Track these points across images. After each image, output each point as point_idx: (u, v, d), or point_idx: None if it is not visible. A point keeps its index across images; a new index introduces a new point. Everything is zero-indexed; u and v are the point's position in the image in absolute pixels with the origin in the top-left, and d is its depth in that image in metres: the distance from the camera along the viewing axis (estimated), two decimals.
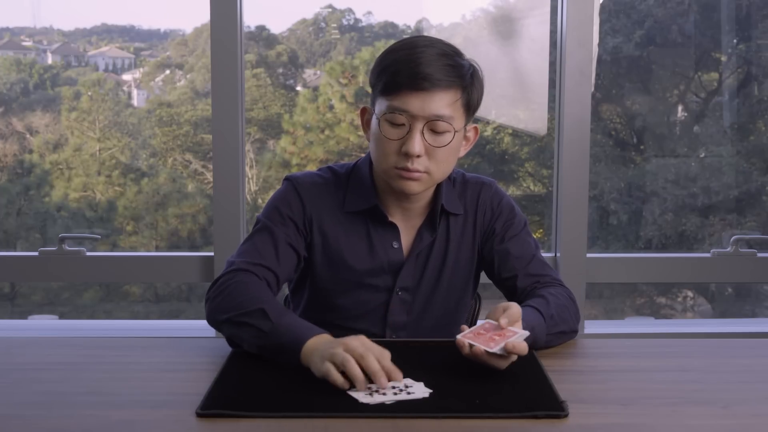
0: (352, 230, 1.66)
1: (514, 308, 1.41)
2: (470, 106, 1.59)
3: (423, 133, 1.53)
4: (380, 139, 1.56)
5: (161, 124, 3.66)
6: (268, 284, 1.57)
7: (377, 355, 1.29)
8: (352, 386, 1.29)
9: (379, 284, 1.68)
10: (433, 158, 1.55)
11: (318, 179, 1.69)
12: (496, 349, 1.33)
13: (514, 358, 1.37)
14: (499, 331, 1.37)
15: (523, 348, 1.35)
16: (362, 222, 1.66)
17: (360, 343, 1.31)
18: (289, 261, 1.63)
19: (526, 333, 1.38)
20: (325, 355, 1.31)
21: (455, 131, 1.55)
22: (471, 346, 1.35)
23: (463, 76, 1.55)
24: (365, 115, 1.66)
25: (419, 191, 1.60)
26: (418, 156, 1.53)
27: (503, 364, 1.36)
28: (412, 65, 1.51)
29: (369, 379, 1.28)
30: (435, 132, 1.54)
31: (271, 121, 3.66)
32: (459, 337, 1.37)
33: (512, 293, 1.70)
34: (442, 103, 1.53)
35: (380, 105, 1.56)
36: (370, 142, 1.62)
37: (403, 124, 1.53)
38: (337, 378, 1.28)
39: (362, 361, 1.28)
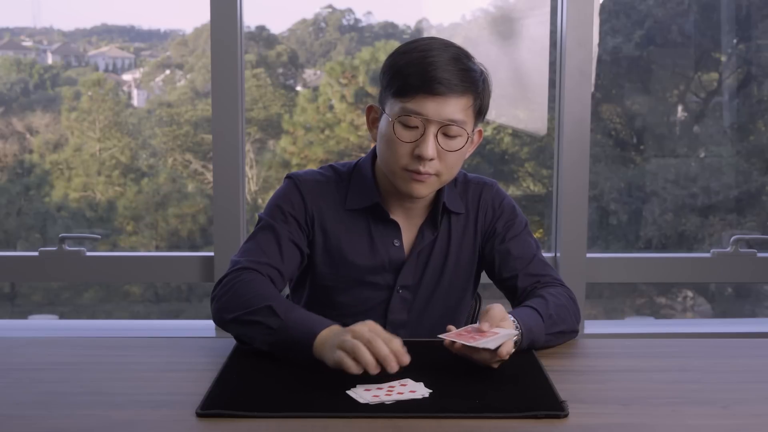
0: (354, 228, 1.67)
1: (495, 310, 1.42)
2: (481, 111, 1.60)
3: (436, 136, 1.53)
4: (392, 141, 1.55)
5: (161, 124, 3.66)
6: (272, 282, 1.57)
7: (385, 340, 1.30)
8: (352, 385, 1.29)
9: (380, 282, 1.68)
10: (444, 161, 1.56)
11: (320, 177, 1.69)
12: (474, 343, 1.33)
13: (504, 357, 1.37)
14: (484, 333, 1.38)
15: (507, 349, 1.36)
16: (363, 220, 1.67)
17: (368, 328, 1.32)
18: (293, 258, 1.63)
19: (512, 333, 1.38)
20: (335, 344, 1.32)
21: (467, 136, 1.56)
22: (454, 343, 1.36)
23: (476, 82, 1.56)
24: (371, 113, 1.66)
25: (426, 194, 1.61)
26: (431, 159, 1.54)
27: (491, 361, 1.36)
28: (427, 68, 1.51)
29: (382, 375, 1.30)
30: (448, 136, 1.55)
31: (271, 121, 3.66)
32: (443, 336, 1.39)
33: (513, 293, 1.70)
34: (457, 108, 1.53)
35: (393, 106, 1.56)
36: (377, 140, 1.62)
37: (416, 127, 1.54)
38: (351, 364, 1.28)
39: (371, 346, 1.28)
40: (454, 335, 1.38)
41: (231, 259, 1.62)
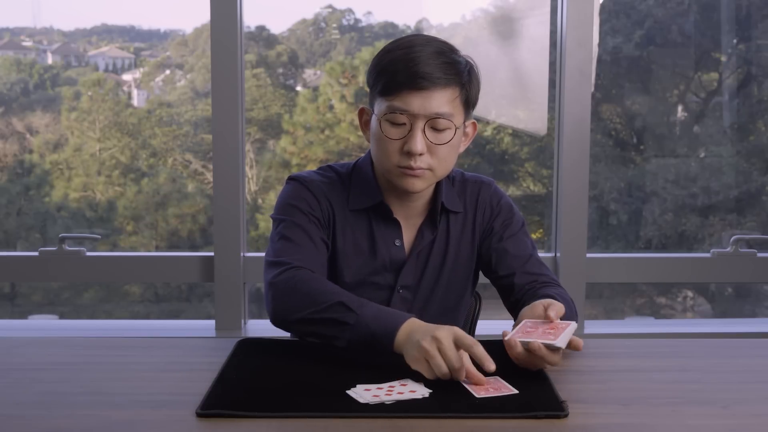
0: (356, 228, 1.67)
1: (557, 302, 1.43)
2: (469, 103, 1.60)
3: (424, 131, 1.54)
4: (381, 139, 1.56)
5: (161, 124, 3.66)
6: None
7: (468, 346, 1.31)
8: (352, 385, 1.30)
9: (381, 282, 1.68)
10: (435, 155, 1.56)
11: (323, 178, 1.70)
12: (558, 342, 1.32)
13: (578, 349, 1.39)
14: (550, 325, 1.38)
15: (580, 343, 1.37)
16: (365, 220, 1.67)
17: (448, 335, 1.32)
18: (325, 254, 1.64)
19: (575, 324, 1.39)
20: (415, 342, 1.34)
21: (456, 128, 1.56)
22: (524, 344, 1.35)
23: (460, 73, 1.56)
24: (363, 115, 1.67)
25: (423, 188, 1.61)
26: (421, 154, 1.54)
27: (555, 360, 1.36)
28: (410, 64, 1.52)
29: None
30: (436, 130, 1.55)
31: (271, 121, 3.66)
32: (509, 337, 1.37)
33: (509, 291, 1.70)
34: (442, 100, 1.53)
35: (380, 105, 1.56)
36: (370, 142, 1.63)
37: (404, 124, 1.54)
38: (426, 370, 1.33)
39: (446, 357, 1.31)
40: (521, 335, 1.35)
41: (267, 260, 1.59)
